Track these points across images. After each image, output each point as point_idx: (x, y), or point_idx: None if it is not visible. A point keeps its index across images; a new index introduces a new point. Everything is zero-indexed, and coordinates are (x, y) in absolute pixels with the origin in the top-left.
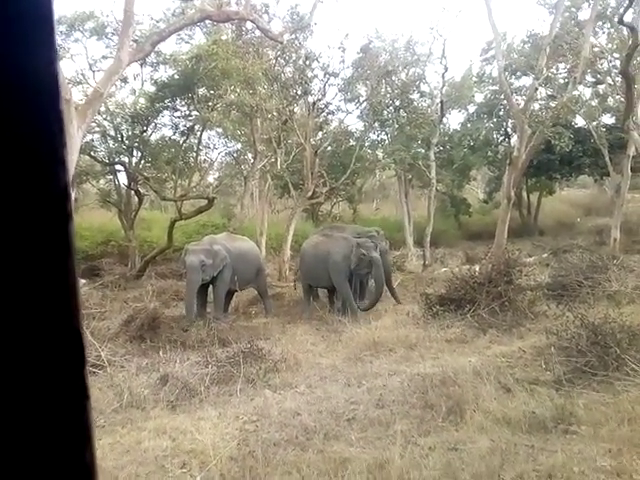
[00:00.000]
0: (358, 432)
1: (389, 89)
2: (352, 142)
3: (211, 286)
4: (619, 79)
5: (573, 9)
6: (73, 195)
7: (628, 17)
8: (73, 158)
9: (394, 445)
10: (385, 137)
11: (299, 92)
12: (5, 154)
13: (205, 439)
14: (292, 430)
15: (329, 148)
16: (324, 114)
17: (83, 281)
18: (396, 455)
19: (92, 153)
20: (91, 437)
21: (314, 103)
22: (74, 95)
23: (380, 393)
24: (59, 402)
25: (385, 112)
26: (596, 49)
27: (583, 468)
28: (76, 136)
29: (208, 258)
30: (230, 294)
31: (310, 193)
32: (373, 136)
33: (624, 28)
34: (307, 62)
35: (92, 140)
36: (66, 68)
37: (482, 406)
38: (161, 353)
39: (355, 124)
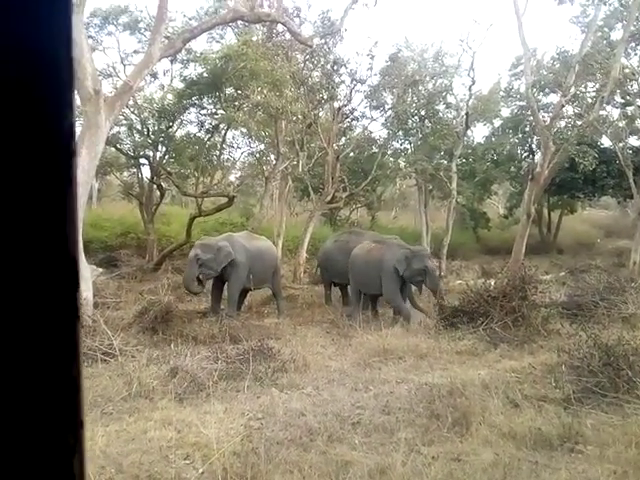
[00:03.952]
0: (362, 436)
1: (415, 98)
2: (375, 149)
3: (226, 283)
4: None
5: (606, 29)
6: (96, 186)
7: None
8: (99, 149)
9: (397, 452)
10: (408, 146)
11: (325, 97)
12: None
13: (210, 433)
14: (296, 430)
15: (351, 154)
16: (348, 120)
17: (100, 270)
18: (398, 462)
19: (118, 145)
20: (78, 352)
21: (339, 108)
22: (104, 87)
23: (387, 400)
24: (51, 320)
25: (410, 121)
26: (627, 70)
27: None
28: (103, 127)
29: (205, 253)
30: (244, 292)
31: (330, 197)
32: (396, 144)
33: None
34: (335, 67)
35: (119, 132)
36: (98, 60)
37: (488, 419)
38: (172, 346)
39: (379, 131)
